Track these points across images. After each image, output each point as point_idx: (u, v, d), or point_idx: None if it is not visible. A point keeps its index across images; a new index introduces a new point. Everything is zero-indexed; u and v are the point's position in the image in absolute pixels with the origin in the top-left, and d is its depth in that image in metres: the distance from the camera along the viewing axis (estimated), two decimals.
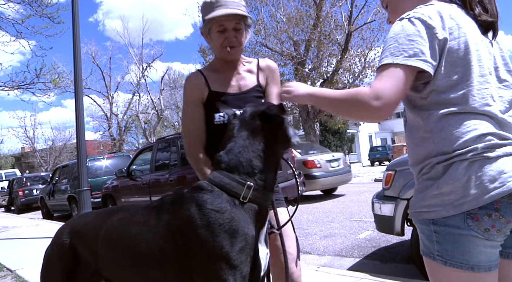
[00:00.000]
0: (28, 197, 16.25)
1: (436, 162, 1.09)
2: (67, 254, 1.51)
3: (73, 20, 6.58)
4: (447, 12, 1.12)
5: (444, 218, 1.07)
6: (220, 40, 1.70)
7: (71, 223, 1.61)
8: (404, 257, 4.11)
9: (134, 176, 7.86)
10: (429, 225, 1.10)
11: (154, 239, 1.27)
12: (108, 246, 1.40)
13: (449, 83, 1.09)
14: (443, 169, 1.07)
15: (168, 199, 1.34)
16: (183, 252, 1.22)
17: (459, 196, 1.04)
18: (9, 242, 7.19)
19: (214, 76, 1.78)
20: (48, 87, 9.41)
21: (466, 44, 1.09)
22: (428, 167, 1.11)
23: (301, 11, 16.25)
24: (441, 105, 1.09)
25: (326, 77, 16.31)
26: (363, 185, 12.62)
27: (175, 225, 1.25)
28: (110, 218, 1.45)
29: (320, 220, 6.80)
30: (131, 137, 36.96)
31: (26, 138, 36.08)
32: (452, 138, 1.07)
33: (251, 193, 1.28)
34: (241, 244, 1.20)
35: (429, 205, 1.10)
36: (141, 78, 29.38)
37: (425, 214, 1.11)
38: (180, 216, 1.25)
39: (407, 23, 1.10)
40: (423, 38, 1.07)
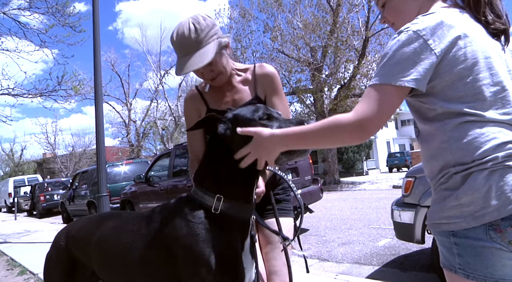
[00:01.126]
0: (49, 202, 16.58)
1: (454, 171, 1.05)
2: (64, 257, 1.61)
3: (94, 28, 6.73)
4: (451, 21, 1.08)
5: (464, 229, 1.02)
6: (199, 76, 1.66)
7: (68, 228, 1.70)
8: (424, 266, 4.02)
9: (152, 182, 7.94)
10: (449, 237, 1.06)
11: (145, 247, 1.33)
12: (101, 252, 1.47)
13: (458, 94, 1.05)
14: (462, 179, 1.03)
15: (157, 209, 1.41)
16: (171, 260, 1.27)
17: (480, 207, 1.00)
18: (32, 245, 7.34)
19: (211, 94, 1.75)
20: (69, 94, 9.61)
21: (473, 54, 1.05)
22: (446, 176, 1.07)
23: (318, 17, 16.26)
24: (455, 115, 1.06)
25: (343, 83, 16.23)
26: (381, 191, 12.44)
27: (162, 233, 1.31)
28: (103, 224, 1.52)
29: (338, 227, 6.73)
30: (149, 143, 37.44)
31: (47, 145, 36.95)
32: (471, 148, 1.03)
33: (222, 205, 1.30)
34: (217, 252, 1.24)
35: (448, 216, 1.05)
36: (159, 85, 29.78)
37: (444, 225, 1.07)
38: (166, 225, 1.31)
39: (403, 39, 1.06)
40: (418, 55, 1.03)
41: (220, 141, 1.33)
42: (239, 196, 1.33)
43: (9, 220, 15.14)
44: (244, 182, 1.33)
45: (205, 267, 1.22)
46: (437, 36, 1.04)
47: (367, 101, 1.05)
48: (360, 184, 15.13)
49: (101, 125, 6.69)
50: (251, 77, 1.73)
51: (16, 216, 15.67)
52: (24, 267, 5.31)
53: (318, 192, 6.69)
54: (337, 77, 16.50)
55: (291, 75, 17.12)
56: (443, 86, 1.06)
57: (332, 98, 17.03)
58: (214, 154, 1.36)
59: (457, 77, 1.05)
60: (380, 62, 1.10)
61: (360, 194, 11.11)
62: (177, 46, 1.55)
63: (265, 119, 1.29)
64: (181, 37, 1.53)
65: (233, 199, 1.31)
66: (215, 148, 1.36)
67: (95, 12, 6.73)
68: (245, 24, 18.65)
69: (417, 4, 1.22)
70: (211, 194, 1.31)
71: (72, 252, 1.59)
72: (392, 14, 1.30)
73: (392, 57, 1.06)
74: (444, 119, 1.07)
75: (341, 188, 14.76)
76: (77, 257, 1.58)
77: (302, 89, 17.10)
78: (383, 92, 1.04)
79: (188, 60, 1.52)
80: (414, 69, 1.03)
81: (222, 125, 1.32)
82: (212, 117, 1.33)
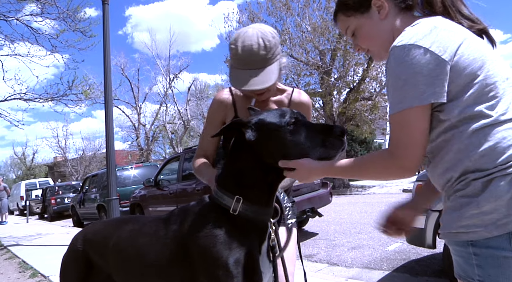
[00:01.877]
0: (60, 205, 16.75)
1: (473, 178, 0.99)
2: (81, 260, 1.62)
3: (104, 33, 6.81)
4: (444, 25, 1.04)
5: (485, 239, 0.97)
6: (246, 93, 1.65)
7: (84, 231, 1.71)
8: (435, 271, 3.97)
9: (161, 186, 7.98)
10: (467, 247, 1.00)
11: (162, 249, 1.33)
12: (118, 255, 1.47)
13: (473, 94, 1.01)
14: (482, 185, 0.98)
15: (176, 211, 1.41)
16: (188, 262, 1.27)
17: (503, 215, 0.94)
18: (43, 248, 7.41)
19: (242, 100, 1.71)
20: (80, 98, 9.70)
21: (477, 53, 1.02)
22: (463, 183, 1.01)
23: (327, 21, 16.22)
24: (471, 119, 1.01)
25: (353, 86, 16.16)
26: (391, 195, 12.32)
27: (180, 235, 1.31)
28: (120, 228, 1.53)
29: (347, 231, 6.68)
30: (158, 147, 37.64)
31: (58, 148, 37.33)
32: (493, 154, 0.98)
33: (241, 206, 1.29)
34: (236, 255, 1.24)
35: (467, 225, 0.99)
36: (168, 89, 29.97)
37: (463, 235, 1.01)
38: (184, 226, 1.31)
39: (404, 55, 1.00)
40: (427, 67, 0.98)
41: (245, 144, 1.32)
42: (259, 198, 1.32)
43: (21, 223, 15.32)
44: (266, 185, 1.33)
45: (222, 269, 1.21)
46: (438, 42, 1.00)
47: (396, 135, 1.03)
48: (370, 188, 15.00)
49: (111, 129, 6.75)
50: (287, 101, 1.74)
51: (28, 218, 15.86)
52: (36, 269, 5.36)
53: (328, 196, 6.66)
54: (346, 81, 16.43)
55: (300, 79, 17.09)
56: (457, 91, 1.01)
57: (341, 101, 16.96)
58: (238, 157, 1.34)
59: (469, 79, 1.01)
60: (389, 88, 1.05)
61: (370, 197, 11.03)
62: (242, 58, 1.51)
63: (292, 124, 1.27)
64: (248, 51, 1.49)
65: (253, 201, 1.30)
66: (239, 151, 1.34)
67: (105, 17, 6.80)
68: None
69: (388, 24, 1.19)
70: (230, 195, 1.31)
71: (88, 255, 1.60)
72: (364, 41, 1.26)
73: (399, 79, 1.01)
74: (460, 126, 1.02)
75: (351, 192, 14.67)
76: (94, 260, 1.59)
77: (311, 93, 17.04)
78: (409, 121, 1.01)
79: (253, 76, 1.50)
80: (431, 84, 0.99)
81: (250, 132, 1.30)
82: (238, 123, 1.32)
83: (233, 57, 1.54)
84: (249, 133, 1.30)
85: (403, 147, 1.03)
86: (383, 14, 1.19)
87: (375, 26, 1.21)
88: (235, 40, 1.53)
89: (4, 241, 9.09)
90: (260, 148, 1.29)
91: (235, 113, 1.71)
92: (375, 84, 16.25)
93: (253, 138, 1.29)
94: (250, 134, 1.30)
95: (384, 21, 1.19)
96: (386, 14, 1.19)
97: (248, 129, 1.30)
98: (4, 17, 8.35)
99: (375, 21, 1.20)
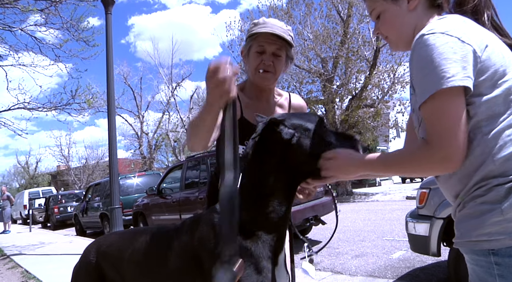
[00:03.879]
0: (63, 214, 16.75)
1: (496, 183, 0.95)
2: (94, 272, 1.58)
3: (107, 42, 6.87)
4: (467, 22, 1.04)
5: (508, 247, 0.93)
6: (256, 62, 1.62)
7: (97, 243, 1.68)
8: (440, 279, 3.94)
9: (164, 194, 7.98)
10: (488, 256, 0.96)
11: (174, 261, 1.30)
12: (134, 267, 1.45)
13: (501, 97, 0.97)
14: (507, 191, 0.94)
15: (187, 221, 1.37)
16: (199, 272, 1.24)
17: None
18: (46, 257, 7.40)
19: (246, 101, 1.70)
20: (83, 107, 9.75)
21: (503, 57, 1.00)
22: (484, 189, 0.97)
23: (328, 28, 16.31)
24: (497, 119, 0.97)
25: (355, 94, 16.18)
26: (394, 202, 12.27)
27: (191, 245, 1.27)
28: (135, 240, 1.49)
29: (351, 238, 6.64)
30: (161, 155, 37.65)
31: (61, 157, 37.40)
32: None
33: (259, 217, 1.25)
34: (250, 265, 1.20)
35: (489, 233, 0.95)
36: (171, 98, 30.08)
37: (484, 243, 0.96)
38: (195, 237, 1.27)
39: (433, 42, 0.97)
40: (457, 53, 0.95)
41: (274, 146, 1.24)
42: (280, 207, 1.26)
43: (24, 232, 15.31)
44: (287, 192, 1.27)
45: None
46: (469, 34, 0.98)
47: (431, 123, 0.96)
48: (373, 195, 14.95)
49: (114, 138, 6.77)
50: (287, 105, 1.79)
51: (31, 227, 15.86)
52: (39, 279, 5.35)
53: (331, 204, 6.63)
54: (349, 88, 16.46)
55: (302, 86, 17.13)
56: (485, 87, 0.98)
57: (343, 109, 16.97)
58: (264, 160, 1.25)
59: (496, 77, 0.98)
60: (418, 75, 1.00)
61: (373, 205, 10.97)
62: (265, 22, 1.62)
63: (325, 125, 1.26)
64: (273, 21, 1.63)
65: (272, 211, 1.25)
66: (265, 154, 1.25)
67: (108, 26, 6.87)
68: None
69: (413, 18, 1.16)
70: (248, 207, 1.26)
71: (101, 268, 1.57)
72: (386, 27, 1.23)
73: (432, 63, 0.96)
74: (484, 126, 0.98)
75: (354, 199, 14.60)
76: (107, 274, 1.56)
77: (313, 101, 17.07)
78: (444, 106, 0.95)
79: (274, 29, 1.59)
80: (463, 68, 0.94)
81: (287, 130, 1.22)
82: (274, 122, 1.23)
83: (260, 23, 1.64)
84: (286, 132, 1.22)
85: (441, 135, 0.95)
86: (412, 5, 1.16)
87: (401, 15, 1.18)
88: (260, 18, 1.66)
89: (7, 250, 9.08)
90: (297, 148, 1.21)
91: (241, 112, 1.66)
92: (378, 92, 16.27)
93: (292, 138, 1.21)
94: (288, 133, 1.21)
95: (412, 12, 1.17)
96: (416, 5, 1.16)
97: (284, 128, 1.22)
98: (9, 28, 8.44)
99: (403, 10, 1.18)
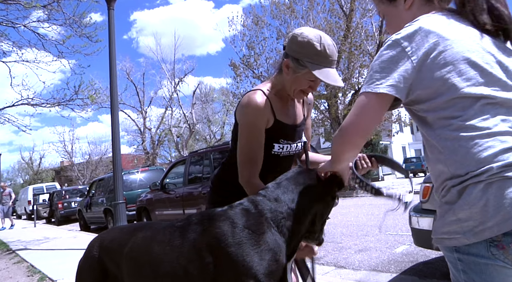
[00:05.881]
0: (67, 209, 16.85)
1: (451, 185, 1.00)
2: (97, 266, 1.60)
3: (109, 38, 6.86)
4: (430, 26, 1.04)
5: (466, 245, 0.97)
6: (305, 86, 1.67)
7: (100, 238, 1.69)
8: (444, 273, 3.93)
9: (167, 189, 8.00)
10: (453, 252, 1.02)
11: (178, 259, 1.29)
12: (132, 263, 1.45)
13: (444, 99, 1.01)
14: (458, 193, 0.98)
15: (195, 218, 1.36)
16: (210, 271, 1.22)
17: (478, 222, 0.94)
18: (51, 252, 7.45)
19: (277, 103, 1.73)
20: (86, 103, 9.76)
21: (455, 56, 1.00)
22: (445, 190, 1.03)
23: (331, 23, 16.24)
24: (444, 122, 1.02)
25: (358, 88, 16.13)
26: None
27: (203, 243, 1.26)
28: (134, 235, 1.50)
29: (354, 233, 6.65)
30: (164, 151, 37.79)
31: (65, 153, 37.67)
32: (465, 160, 0.97)
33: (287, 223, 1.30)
34: (271, 268, 1.21)
35: (448, 231, 1.01)
36: (174, 93, 30.11)
37: (446, 241, 1.03)
38: (210, 234, 1.26)
39: (384, 49, 1.08)
40: (394, 62, 1.04)
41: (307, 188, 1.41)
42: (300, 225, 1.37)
43: (29, 227, 15.42)
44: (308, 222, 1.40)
45: (253, 279, 1.18)
46: (414, 43, 1.03)
47: (351, 111, 1.10)
48: None
49: (117, 134, 6.78)
50: (302, 100, 1.88)
51: (35, 223, 15.96)
52: (44, 273, 5.39)
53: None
54: (351, 83, 16.41)
55: None
56: (428, 94, 1.03)
57: (346, 103, 16.94)
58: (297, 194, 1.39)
59: (440, 82, 1.01)
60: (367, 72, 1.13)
61: (376, 200, 10.95)
62: (327, 56, 1.59)
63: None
64: (332, 50, 1.60)
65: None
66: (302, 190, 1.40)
67: (111, 22, 6.86)
68: (258, 31, 18.74)
69: (412, 15, 1.18)
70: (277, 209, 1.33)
71: (104, 262, 1.58)
72: (390, 28, 1.30)
73: (373, 67, 1.08)
74: (437, 128, 1.04)
75: (357, 194, 14.60)
76: (109, 268, 1.57)
77: (316, 95, 17.04)
78: (364, 101, 1.07)
79: (333, 74, 1.61)
80: (390, 76, 1.04)
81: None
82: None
83: (319, 54, 1.59)
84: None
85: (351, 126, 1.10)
86: (408, 4, 1.21)
87: (400, 15, 1.23)
88: (317, 38, 1.58)
89: (12, 245, 9.15)
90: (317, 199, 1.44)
91: (274, 116, 1.71)
92: None
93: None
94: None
95: (409, 11, 1.21)
96: (411, 4, 1.20)
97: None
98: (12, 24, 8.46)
99: (400, 10, 1.23)
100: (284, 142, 1.74)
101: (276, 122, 1.70)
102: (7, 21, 8.42)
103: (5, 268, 6.47)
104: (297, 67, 1.61)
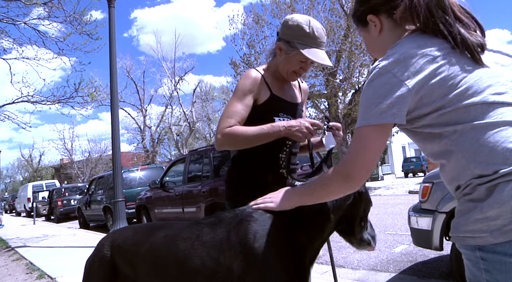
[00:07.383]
0: (66, 207, 16.86)
1: (477, 183, 0.98)
2: (107, 266, 1.57)
3: (110, 36, 6.86)
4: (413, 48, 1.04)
5: (492, 244, 0.95)
6: (296, 67, 1.80)
7: (112, 237, 1.66)
8: (443, 273, 3.95)
9: (167, 187, 8.00)
10: (475, 251, 0.99)
11: (208, 253, 1.30)
12: (152, 262, 1.44)
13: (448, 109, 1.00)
14: (487, 191, 0.96)
15: (226, 215, 1.39)
16: (239, 267, 1.25)
17: (508, 221, 0.92)
18: (50, 250, 7.45)
19: (273, 82, 1.85)
20: (86, 100, 9.76)
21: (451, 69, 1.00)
22: (470, 187, 1.00)
23: (332, 22, 16.23)
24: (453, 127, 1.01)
25: (358, 88, 16.13)
26: (397, 197, 12.28)
27: (236, 239, 1.29)
28: (153, 235, 1.49)
29: None
30: (163, 149, 37.80)
31: (64, 150, 37.65)
32: (490, 160, 0.96)
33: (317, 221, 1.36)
34: (296, 267, 1.25)
35: (473, 230, 0.98)
36: (174, 91, 30.10)
37: (470, 239, 1.00)
38: (243, 231, 1.29)
39: (374, 78, 1.06)
40: (389, 90, 1.02)
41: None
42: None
43: (28, 224, 15.44)
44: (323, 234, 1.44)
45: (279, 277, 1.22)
46: (404, 66, 1.02)
47: (351, 148, 1.08)
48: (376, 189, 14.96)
49: (117, 131, 6.79)
50: (298, 86, 2.02)
51: (34, 220, 15.97)
52: (43, 271, 5.40)
53: None
54: (352, 82, 16.41)
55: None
56: (431, 109, 1.02)
57: (346, 103, 16.94)
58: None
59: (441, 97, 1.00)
60: (360, 105, 1.11)
61: (376, 199, 10.97)
62: (315, 37, 1.73)
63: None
64: (321, 32, 1.75)
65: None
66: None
67: (111, 20, 6.85)
68: (259, 30, 18.74)
69: (386, 38, 1.19)
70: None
71: (115, 262, 1.56)
72: (370, 50, 1.31)
73: (366, 98, 1.07)
74: (447, 135, 1.02)
75: None
76: (120, 268, 1.56)
77: (316, 94, 17.06)
78: (364, 135, 1.06)
79: (321, 54, 1.74)
80: (388, 105, 1.02)
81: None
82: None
83: (308, 36, 1.72)
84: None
85: (351, 155, 1.08)
86: (377, 30, 1.22)
87: (373, 40, 1.25)
88: (306, 22, 1.73)
89: (11, 243, 9.16)
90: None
91: (269, 90, 1.82)
92: None
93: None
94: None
95: (380, 36, 1.22)
96: (380, 30, 1.21)
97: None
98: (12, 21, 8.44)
99: (373, 36, 1.24)
100: (283, 116, 1.83)
101: (272, 96, 1.81)
102: (7, 18, 8.41)
103: (4, 265, 6.48)
104: (289, 49, 1.74)
